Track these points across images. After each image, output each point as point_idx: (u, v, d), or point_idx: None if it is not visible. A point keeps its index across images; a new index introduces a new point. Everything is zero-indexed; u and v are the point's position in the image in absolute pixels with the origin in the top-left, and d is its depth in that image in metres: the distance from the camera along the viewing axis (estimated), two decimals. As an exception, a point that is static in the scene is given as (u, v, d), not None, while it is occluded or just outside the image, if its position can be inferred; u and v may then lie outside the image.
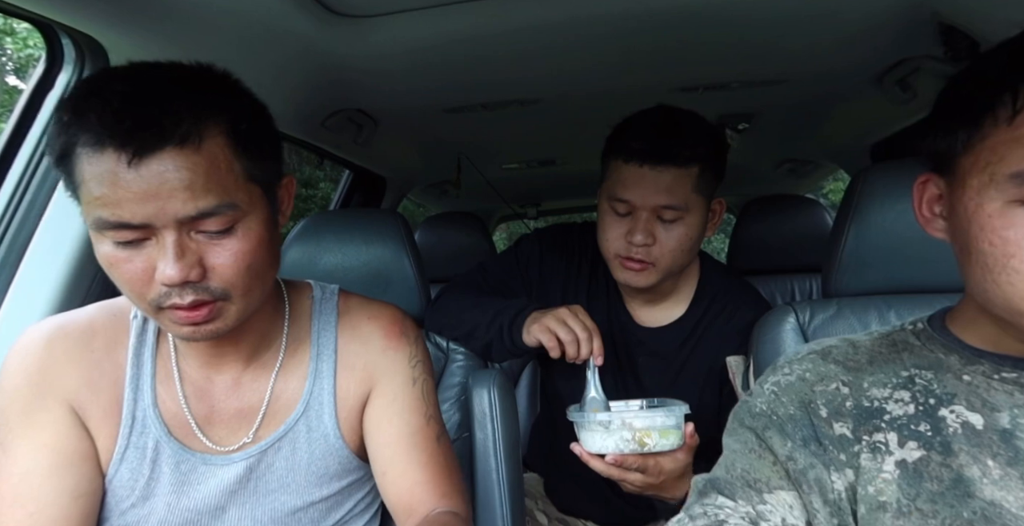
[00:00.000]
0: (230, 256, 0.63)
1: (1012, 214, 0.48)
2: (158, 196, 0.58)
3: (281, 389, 0.77)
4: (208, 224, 0.61)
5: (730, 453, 0.63)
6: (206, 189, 0.60)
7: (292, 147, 1.63)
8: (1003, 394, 0.53)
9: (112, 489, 0.72)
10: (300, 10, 0.90)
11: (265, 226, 0.66)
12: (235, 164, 0.63)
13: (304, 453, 0.77)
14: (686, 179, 0.99)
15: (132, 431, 0.72)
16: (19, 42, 4.86)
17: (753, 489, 0.58)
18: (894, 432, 0.56)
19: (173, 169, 0.58)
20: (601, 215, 1.07)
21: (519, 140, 1.91)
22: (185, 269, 0.60)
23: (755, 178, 2.54)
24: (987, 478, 0.51)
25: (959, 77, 0.54)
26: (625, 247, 1.03)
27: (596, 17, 0.99)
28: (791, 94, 1.47)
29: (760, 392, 0.64)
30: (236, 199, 0.62)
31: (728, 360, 1.09)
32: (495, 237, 3.62)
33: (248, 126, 0.64)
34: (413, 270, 1.14)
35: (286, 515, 0.76)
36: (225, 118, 0.62)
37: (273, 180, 0.69)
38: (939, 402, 0.56)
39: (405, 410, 0.80)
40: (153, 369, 0.74)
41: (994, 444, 0.52)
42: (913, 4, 0.96)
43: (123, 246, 0.61)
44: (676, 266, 1.06)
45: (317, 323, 0.81)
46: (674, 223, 1.01)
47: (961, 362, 0.57)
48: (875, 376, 0.60)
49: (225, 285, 0.64)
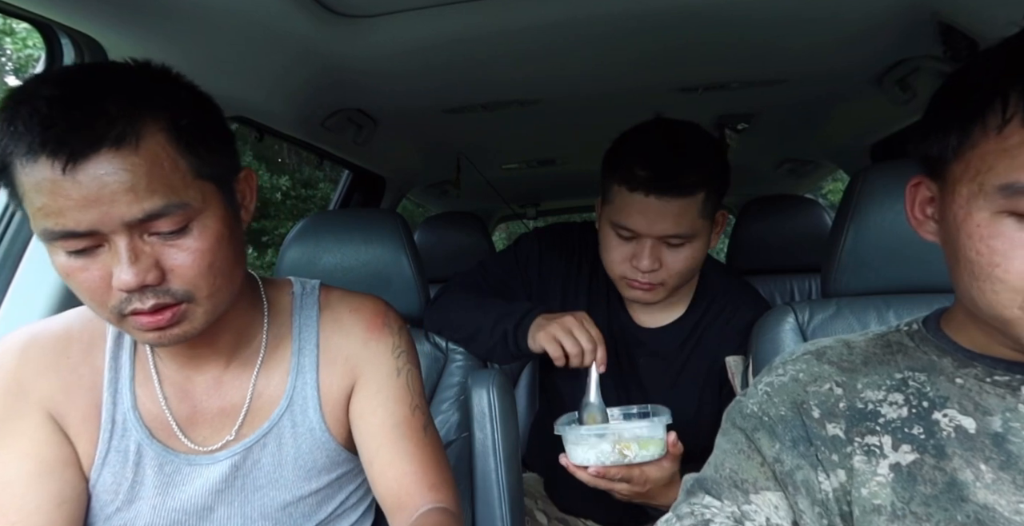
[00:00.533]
0: (188, 256, 0.61)
1: (1000, 224, 0.48)
2: (100, 201, 0.56)
3: (264, 386, 0.77)
4: (160, 225, 0.60)
5: (720, 452, 0.63)
6: (150, 190, 0.58)
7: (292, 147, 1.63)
8: (995, 398, 0.54)
9: (96, 494, 0.72)
10: (300, 10, 0.90)
11: (223, 223, 0.64)
12: (180, 161, 0.60)
13: (291, 448, 0.76)
14: (692, 206, 0.97)
15: (112, 435, 0.72)
16: (18, 42, 4.87)
17: (739, 489, 0.58)
18: (888, 435, 0.56)
19: (111, 172, 0.56)
20: (604, 236, 1.06)
21: (519, 140, 1.91)
22: (141, 273, 0.59)
23: (755, 178, 2.54)
24: (980, 482, 0.51)
25: (950, 82, 0.54)
26: (631, 270, 1.02)
27: (596, 17, 0.99)
28: (791, 94, 1.47)
29: (753, 392, 0.64)
30: (185, 198, 0.60)
31: (727, 360, 1.09)
32: (495, 237, 3.62)
33: (190, 121, 0.62)
34: (412, 270, 1.14)
35: (276, 510, 0.76)
36: (164, 115, 0.60)
37: (227, 175, 0.67)
38: (932, 405, 0.56)
39: (390, 400, 0.79)
40: (132, 372, 0.74)
41: (987, 448, 0.52)
42: (913, 4, 0.96)
43: (76, 255, 0.60)
44: (683, 282, 1.06)
45: (298, 318, 0.80)
46: (680, 247, 1.00)
47: (954, 365, 0.57)
48: (869, 377, 0.60)
49: (187, 286, 0.62)
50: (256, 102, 1.20)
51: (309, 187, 7.64)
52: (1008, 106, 0.46)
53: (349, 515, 0.84)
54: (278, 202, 7.15)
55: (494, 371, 1.09)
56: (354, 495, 0.84)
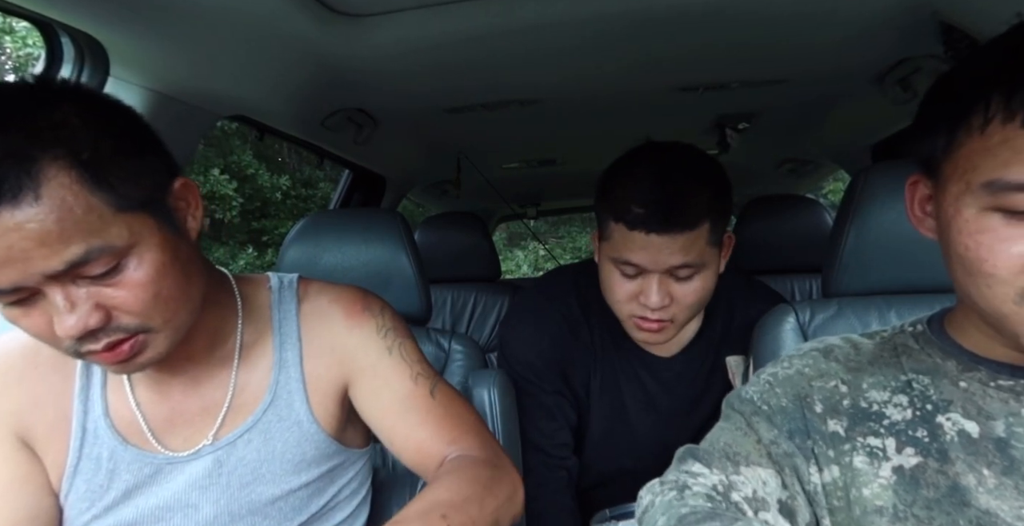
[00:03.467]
0: (128, 293, 0.57)
1: (986, 220, 0.49)
2: (12, 260, 0.51)
3: (245, 382, 0.76)
4: (87, 270, 0.55)
5: (716, 430, 0.64)
6: (64, 239, 0.52)
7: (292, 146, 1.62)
8: (998, 402, 0.54)
9: (69, 503, 0.71)
10: (300, 9, 0.90)
11: (162, 249, 0.59)
12: (92, 200, 0.53)
13: (278, 442, 0.75)
14: (699, 238, 0.90)
15: (84, 443, 0.71)
16: (18, 41, 4.86)
17: (730, 460, 0.58)
18: (892, 437, 0.56)
19: (14, 229, 0.50)
20: (606, 274, 0.98)
21: (519, 140, 1.91)
22: (81, 320, 0.55)
23: (755, 178, 2.54)
24: (983, 487, 0.51)
25: (938, 84, 0.55)
26: (639, 308, 0.95)
27: (597, 17, 0.99)
28: (792, 94, 1.47)
29: (756, 381, 0.64)
30: (108, 238, 0.55)
31: (728, 360, 1.09)
32: (495, 237, 3.62)
33: (94, 151, 0.54)
34: (413, 270, 1.13)
35: (265, 505, 0.75)
36: (62, 150, 0.52)
37: (156, 195, 0.60)
38: (936, 408, 0.56)
39: (390, 379, 0.78)
40: (104, 378, 0.72)
41: (990, 453, 0.52)
42: (913, 3, 0.96)
43: (15, 306, 0.56)
44: (694, 316, 1.01)
45: (277, 312, 0.79)
46: (690, 279, 0.93)
47: (958, 368, 0.57)
48: (875, 378, 0.60)
49: (137, 320, 0.59)
50: (256, 101, 1.20)
51: (309, 187, 7.65)
52: (990, 106, 0.48)
53: (343, 508, 0.83)
54: (278, 202, 7.15)
55: (495, 371, 1.09)
56: (347, 488, 0.83)
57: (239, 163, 6.67)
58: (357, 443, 0.84)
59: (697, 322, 1.11)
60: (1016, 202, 0.46)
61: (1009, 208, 0.47)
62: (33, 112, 0.53)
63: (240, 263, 6.62)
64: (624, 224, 0.90)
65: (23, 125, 0.52)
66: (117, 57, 0.90)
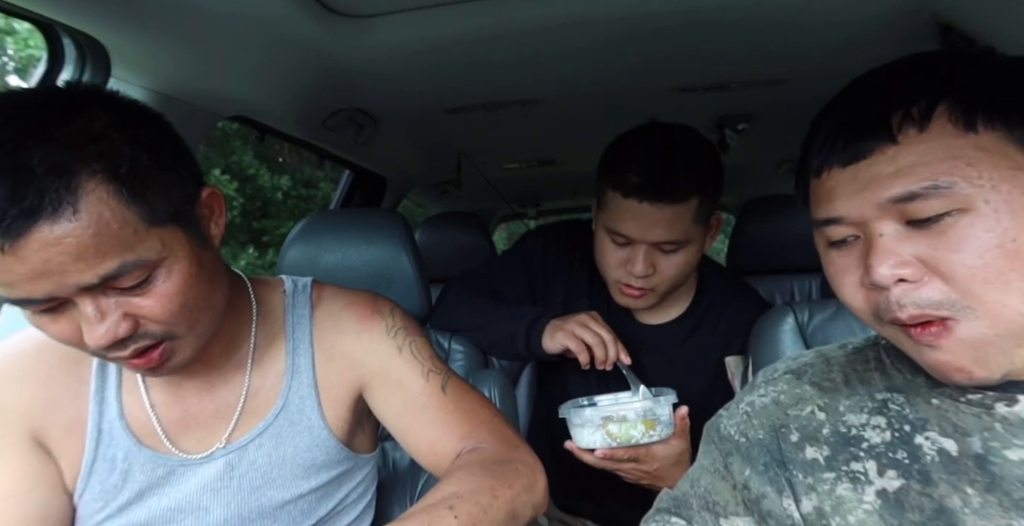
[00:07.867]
0: (157, 303, 0.58)
1: (827, 254, 0.54)
2: (48, 273, 0.53)
3: (258, 386, 0.76)
4: (119, 282, 0.56)
5: (698, 467, 0.65)
6: (100, 253, 0.53)
7: (293, 147, 1.63)
8: (971, 417, 0.52)
9: (84, 503, 0.71)
10: (301, 10, 0.90)
11: (190, 260, 0.61)
12: (127, 214, 0.55)
13: (289, 447, 0.76)
14: (686, 213, 0.98)
15: (99, 444, 0.71)
16: (20, 42, 4.87)
17: (710, 511, 0.60)
18: (873, 460, 0.55)
19: (53, 243, 0.51)
20: (599, 241, 1.07)
21: (519, 140, 1.91)
22: (111, 331, 0.57)
23: (755, 178, 2.54)
24: (968, 507, 0.50)
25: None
26: (625, 275, 1.04)
27: (597, 18, 0.99)
28: (791, 94, 1.47)
29: (735, 412, 0.65)
30: (141, 253, 0.56)
31: (727, 360, 1.10)
32: (495, 237, 3.62)
33: (131, 164, 0.55)
34: (413, 270, 1.14)
35: (275, 509, 0.76)
36: (100, 165, 0.53)
37: (186, 206, 0.61)
38: (913, 428, 0.55)
39: (402, 379, 0.78)
40: (119, 380, 0.73)
41: (971, 470, 0.51)
42: (913, 5, 0.96)
43: (43, 313, 0.57)
44: (675, 287, 1.08)
45: (291, 317, 0.79)
46: (674, 252, 1.02)
47: (928, 384, 0.56)
48: (851, 400, 0.59)
49: (164, 328, 0.60)
50: (257, 102, 1.20)
51: (310, 187, 7.65)
52: (811, 160, 0.53)
53: (349, 511, 0.84)
54: (279, 202, 7.15)
55: (495, 371, 1.09)
56: (354, 492, 0.84)
57: (240, 163, 6.67)
58: (365, 448, 0.85)
59: (685, 303, 1.16)
60: (831, 233, 0.52)
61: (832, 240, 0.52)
62: (69, 122, 0.53)
63: (241, 263, 6.62)
64: (619, 192, 0.98)
65: (61, 137, 0.52)
66: (118, 58, 0.90)
